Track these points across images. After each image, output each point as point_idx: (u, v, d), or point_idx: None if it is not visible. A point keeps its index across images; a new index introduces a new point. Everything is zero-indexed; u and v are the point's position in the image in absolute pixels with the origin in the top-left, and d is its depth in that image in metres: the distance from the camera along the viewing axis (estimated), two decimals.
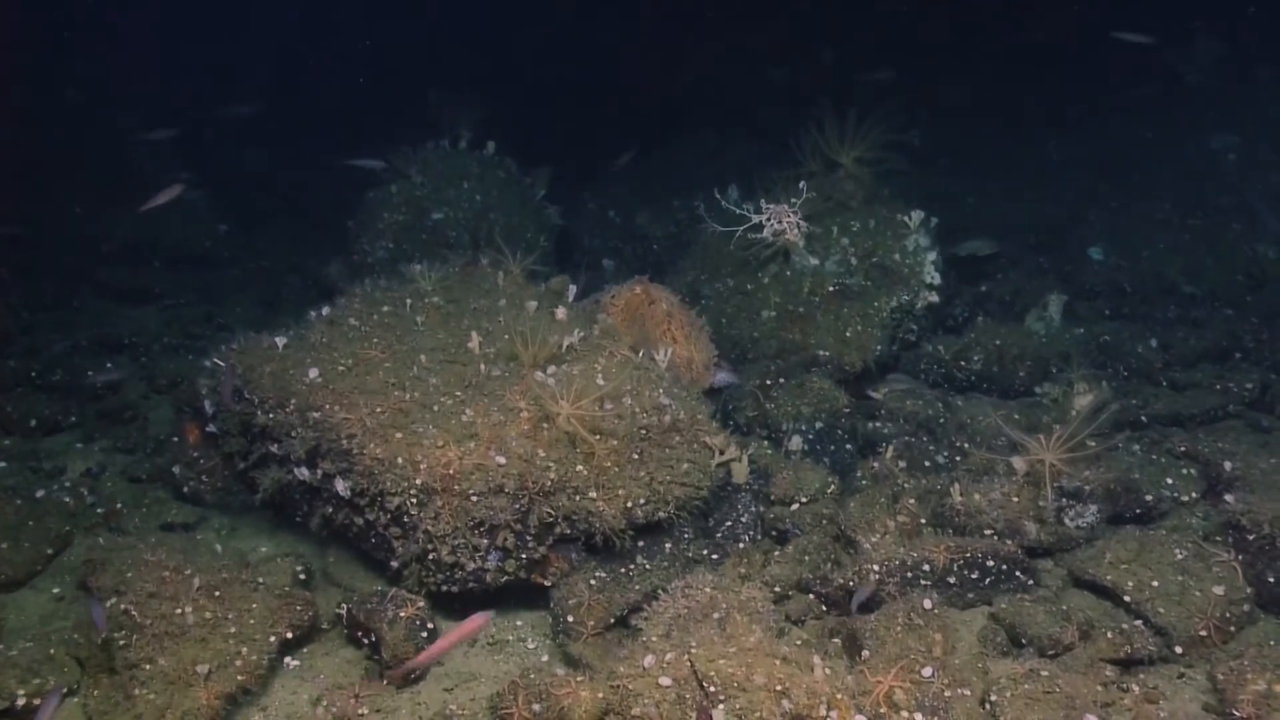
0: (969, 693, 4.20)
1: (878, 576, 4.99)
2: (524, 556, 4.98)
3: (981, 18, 14.80)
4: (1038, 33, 14.78)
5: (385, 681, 4.61)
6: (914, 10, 14.94)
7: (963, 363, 7.79)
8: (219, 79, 14.46)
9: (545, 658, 4.90)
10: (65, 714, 4.40)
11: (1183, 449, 6.32)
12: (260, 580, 4.93)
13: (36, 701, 4.33)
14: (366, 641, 4.79)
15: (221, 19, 15.40)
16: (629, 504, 5.08)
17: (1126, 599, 4.86)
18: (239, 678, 4.38)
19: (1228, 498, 5.42)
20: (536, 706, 4.05)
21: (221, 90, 13.49)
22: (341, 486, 5.07)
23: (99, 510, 6.08)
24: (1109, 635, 4.64)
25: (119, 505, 6.15)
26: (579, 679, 4.15)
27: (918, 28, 14.84)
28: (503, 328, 5.93)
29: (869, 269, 7.86)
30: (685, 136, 13.05)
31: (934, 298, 7.95)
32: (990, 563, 5.13)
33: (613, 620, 4.92)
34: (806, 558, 5.35)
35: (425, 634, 4.67)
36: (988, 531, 5.41)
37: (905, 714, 4.02)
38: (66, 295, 9.88)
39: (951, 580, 5.09)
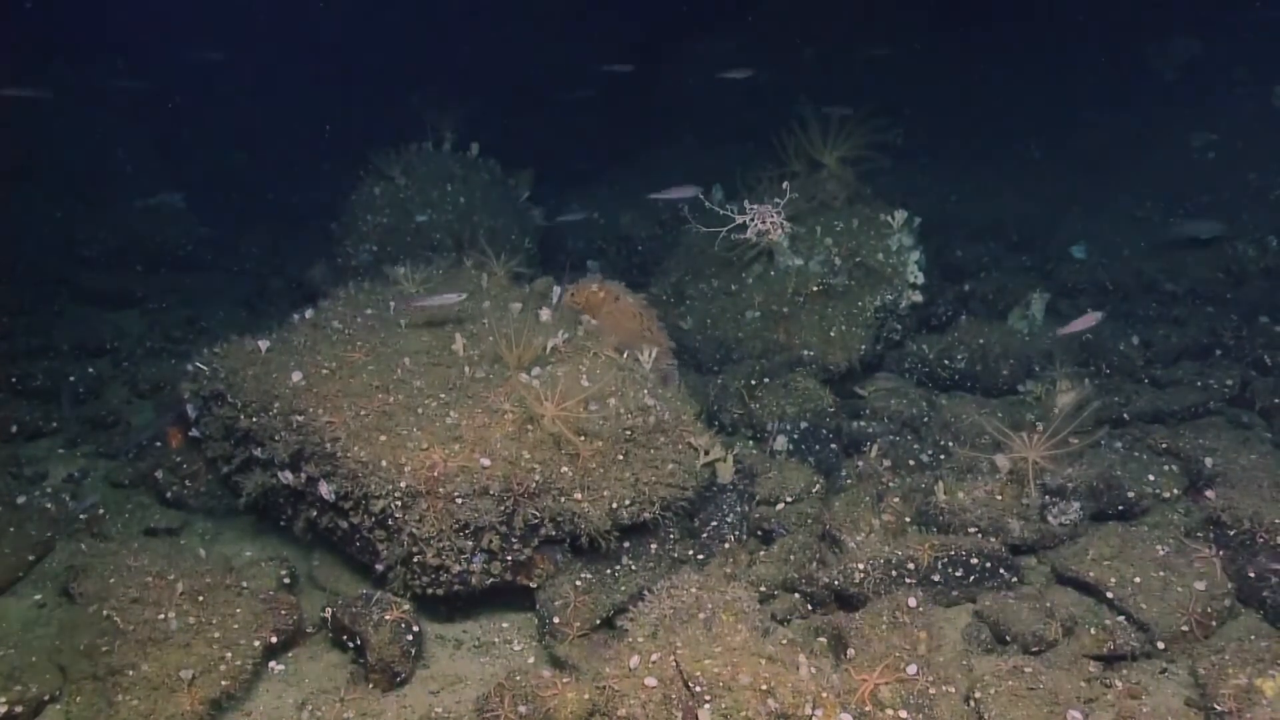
0: (953, 690, 4.22)
1: (863, 574, 5.01)
2: (509, 558, 4.96)
3: (964, 15, 14.88)
4: (1020, 30, 14.88)
5: (371, 685, 4.59)
6: (896, 8, 14.99)
7: (946, 361, 7.83)
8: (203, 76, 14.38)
9: (531, 659, 4.90)
10: None
11: (1164, 446, 6.38)
12: (244, 585, 4.91)
13: (19, 709, 4.30)
14: (352, 645, 4.77)
15: (212, 17, 15.30)
16: (614, 505, 5.07)
17: (1109, 595, 4.89)
18: (223, 683, 4.36)
19: (1209, 494, 5.47)
20: (523, 708, 4.05)
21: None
22: (326, 490, 5.05)
23: (81, 516, 6.04)
24: (1092, 631, 4.68)
25: (101, 511, 6.11)
26: (565, 680, 4.15)
27: (899, 25, 14.89)
28: (487, 330, 5.92)
29: (853, 268, 7.88)
30: (669, 137, 13.06)
31: (918, 297, 7.98)
32: (974, 560, 5.16)
33: (598, 621, 4.91)
34: (792, 557, 5.37)
35: (410, 637, 4.65)
36: (972, 529, 5.44)
37: (890, 712, 4.03)
38: (46, 299, 9.79)
39: (936, 578, 5.11)
